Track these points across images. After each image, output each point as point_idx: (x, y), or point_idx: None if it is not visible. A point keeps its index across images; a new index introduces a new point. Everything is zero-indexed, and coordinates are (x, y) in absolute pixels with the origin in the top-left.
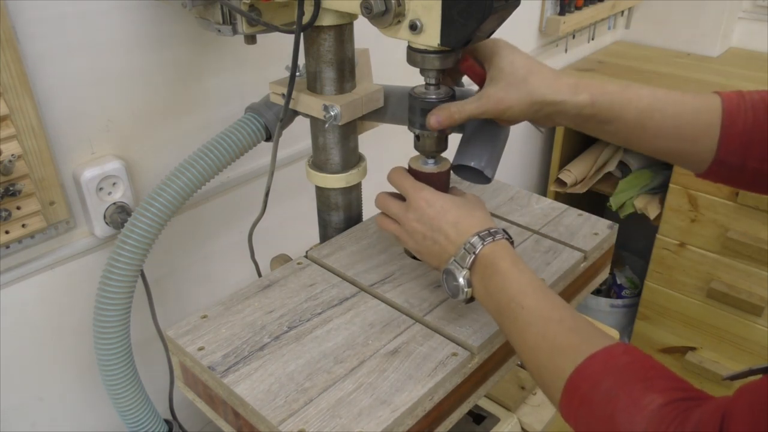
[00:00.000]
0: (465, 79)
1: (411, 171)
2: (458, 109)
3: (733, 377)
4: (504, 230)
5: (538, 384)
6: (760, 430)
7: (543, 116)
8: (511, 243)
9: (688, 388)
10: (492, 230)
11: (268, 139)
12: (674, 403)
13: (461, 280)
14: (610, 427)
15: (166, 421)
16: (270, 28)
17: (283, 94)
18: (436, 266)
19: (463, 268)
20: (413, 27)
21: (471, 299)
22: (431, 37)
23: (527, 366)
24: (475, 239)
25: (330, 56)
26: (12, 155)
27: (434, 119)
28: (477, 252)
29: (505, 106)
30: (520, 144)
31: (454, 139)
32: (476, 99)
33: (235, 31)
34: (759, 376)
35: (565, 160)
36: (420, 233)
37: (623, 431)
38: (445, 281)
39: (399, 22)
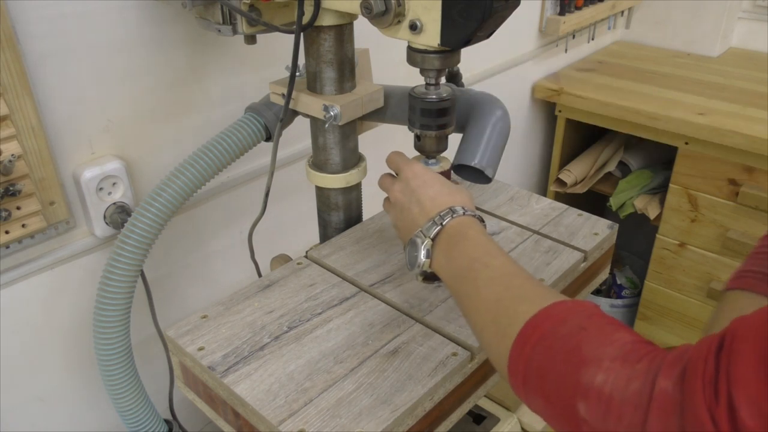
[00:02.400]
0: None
1: None
2: None
3: None
4: (479, 216)
5: (483, 341)
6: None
7: None
8: (482, 222)
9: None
10: (467, 210)
11: (268, 139)
12: (645, 343)
13: (422, 251)
14: (571, 356)
15: (166, 421)
16: (270, 28)
17: (283, 94)
18: (405, 238)
19: (426, 237)
20: (413, 27)
21: (429, 277)
22: (431, 37)
23: (478, 323)
24: (445, 212)
25: (330, 56)
26: (12, 155)
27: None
28: (444, 224)
29: None
30: (520, 144)
31: (454, 139)
32: None
33: (235, 31)
34: None
35: (565, 160)
36: (400, 203)
37: (588, 359)
38: (407, 252)
39: (399, 22)
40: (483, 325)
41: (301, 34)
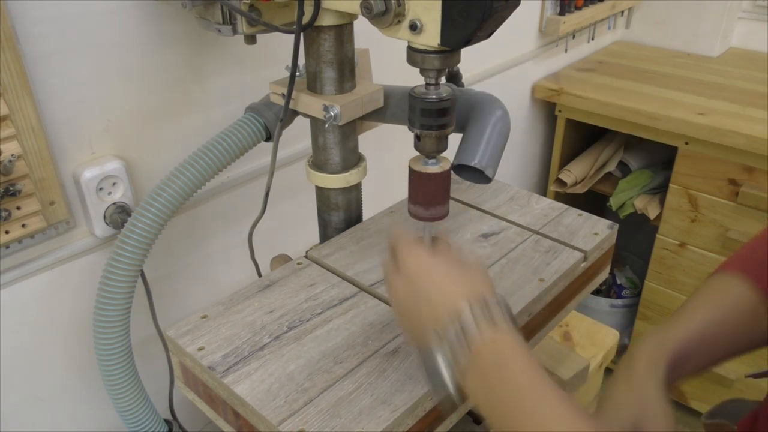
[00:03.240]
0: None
1: (411, 171)
2: None
3: (756, 375)
4: (507, 306)
5: None
6: None
7: None
8: (512, 318)
9: None
10: (481, 304)
11: (268, 139)
12: None
13: (447, 381)
14: None
15: (166, 421)
16: (270, 28)
17: (283, 94)
18: (417, 346)
19: (447, 356)
20: (413, 27)
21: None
22: (431, 37)
23: None
24: (455, 323)
25: (330, 56)
26: (12, 155)
27: None
28: (467, 340)
29: None
30: (520, 144)
31: (454, 139)
32: None
33: (235, 31)
34: None
35: (565, 160)
36: (403, 305)
37: None
38: (425, 370)
39: (399, 22)
40: None
41: (301, 34)
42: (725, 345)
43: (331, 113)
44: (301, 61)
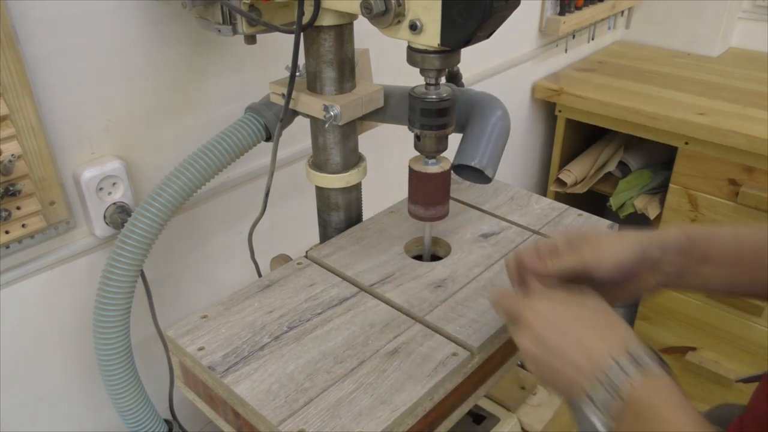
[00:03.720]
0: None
1: (411, 171)
2: (551, 261)
3: (747, 380)
4: (653, 353)
5: None
6: None
7: (646, 265)
8: (668, 371)
9: None
10: (635, 354)
11: (268, 139)
12: None
13: (598, 426)
14: None
15: (166, 421)
16: (270, 28)
17: (283, 94)
18: (567, 397)
19: (597, 407)
20: (413, 27)
21: None
22: (431, 37)
23: None
24: (614, 370)
25: (330, 56)
26: (12, 155)
27: (528, 256)
28: (618, 387)
29: (603, 249)
30: (520, 144)
31: (454, 139)
32: (573, 253)
33: (235, 31)
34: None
35: (565, 160)
36: (538, 362)
37: None
38: (578, 422)
39: (399, 22)
40: None
41: (301, 34)
42: (734, 261)
43: (331, 113)
44: (301, 61)
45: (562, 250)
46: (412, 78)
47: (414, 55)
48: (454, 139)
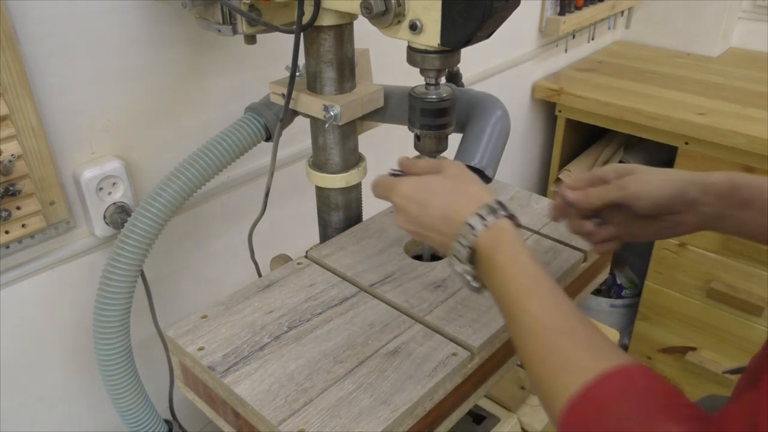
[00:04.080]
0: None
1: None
2: (595, 190)
3: (733, 371)
4: (499, 204)
5: (540, 398)
6: None
7: (685, 203)
8: (513, 220)
9: (704, 416)
10: (484, 211)
11: (268, 139)
12: None
13: (467, 276)
14: None
15: (166, 421)
16: (270, 28)
17: (283, 94)
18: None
19: (461, 262)
20: (413, 27)
21: (484, 286)
22: (431, 37)
23: (529, 374)
24: (465, 230)
25: (330, 56)
26: (12, 155)
27: (569, 194)
28: (471, 245)
29: (644, 182)
30: (520, 144)
31: (454, 139)
32: (615, 183)
33: (235, 31)
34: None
35: (565, 160)
36: (417, 234)
37: None
38: (453, 274)
39: (399, 22)
40: (532, 378)
41: (301, 34)
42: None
43: (331, 113)
44: (301, 61)
45: (610, 179)
46: (412, 78)
47: (414, 55)
48: (454, 139)
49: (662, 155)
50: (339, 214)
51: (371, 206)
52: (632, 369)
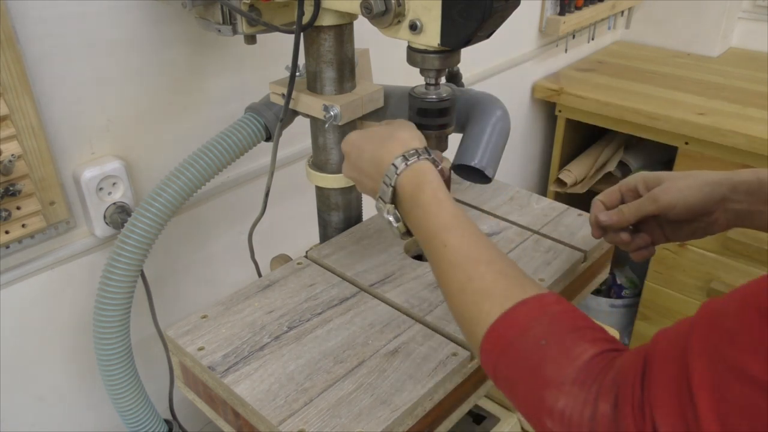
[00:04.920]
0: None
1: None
2: (628, 206)
3: None
4: (425, 149)
5: (461, 329)
6: (678, 371)
7: (715, 203)
8: (434, 164)
9: (614, 339)
10: (408, 153)
11: (268, 139)
12: (603, 354)
13: (389, 217)
14: (535, 375)
15: (166, 421)
16: (270, 28)
17: (283, 94)
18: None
19: (386, 203)
20: (413, 27)
21: (408, 232)
22: (431, 37)
23: (452, 309)
24: (390, 170)
25: (330, 56)
26: (12, 155)
27: (604, 217)
28: (394, 184)
29: (674, 191)
30: (520, 144)
31: (454, 139)
32: (646, 195)
33: (235, 31)
34: None
35: (565, 160)
36: (355, 180)
37: (551, 380)
38: (381, 218)
39: (399, 22)
40: (455, 313)
41: (301, 34)
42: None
43: (331, 113)
44: (301, 61)
45: (641, 191)
46: (412, 78)
47: (414, 55)
48: (454, 139)
49: (662, 155)
50: (339, 214)
51: (371, 206)
52: (547, 296)
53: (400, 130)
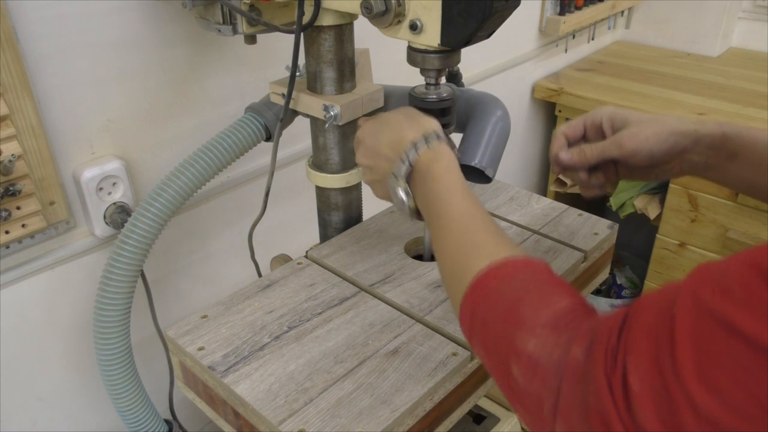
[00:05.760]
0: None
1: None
2: (591, 147)
3: None
4: (444, 134)
5: (444, 284)
6: (661, 319)
7: (675, 153)
8: (452, 147)
9: (594, 308)
10: (428, 136)
11: (268, 139)
12: (582, 305)
13: (400, 193)
14: (509, 316)
15: (166, 421)
16: (270, 28)
17: (283, 94)
18: (384, 194)
19: (399, 178)
20: (413, 27)
21: (418, 212)
22: (431, 37)
23: (444, 269)
24: (410, 150)
25: (330, 56)
26: (12, 155)
27: (565, 155)
28: (412, 161)
29: (640, 138)
30: (520, 144)
31: (455, 139)
32: (611, 138)
33: (235, 31)
34: None
35: None
36: (369, 166)
37: (524, 322)
38: (393, 198)
39: (399, 22)
40: (443, 269)
41: (301, 34)
42: (760, 164)
43: (331, 113)
44: (301, 61)
45: (606, 129)
46: (412, 78)
47: (414, 55)
48: (454, 139)
49: None
50: (339, 214)
51: (371, 206)
52: (535, 260)
53: (418, 116)
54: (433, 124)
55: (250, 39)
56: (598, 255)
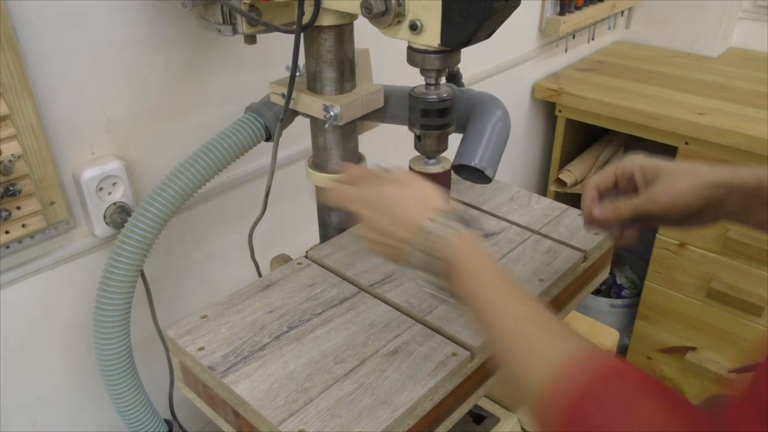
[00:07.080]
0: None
1: (412, 171)
2: (625, 204)
3: (740, 370)
4: (453, 212)
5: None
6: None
7: (712, 204)
8: (465, 222)
9: (683, 399)
10: (443, 219)
11: (268, 139)
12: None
13: (443, 295)
14: None
15: (166, 421)
16: (270, 28)
17: (283, 94)
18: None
19: (418, 269)
20: (413, 27)
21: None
22: (431, 37)
23: (507, 368)
24: (424, 236)
25: (330, 56)
26: (12, 155)
27: (598, 212)
28: (430, 251)
29: (675, 192)
30: (520, 144)
31: (455, 139)
32: (644, 193)
33: (235, 31)
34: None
35: (565, 160)
36: (377, 244)
37: None
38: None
39: (399, 22)
40: (509, 368)
41: (301, 34)
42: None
43: (331, 113)
44: (301, 61)
45: (638, 181)
46: (412, 78)
47: (414, 55)
48: (454, 139)
49: (662, 155)
50: (339, 214)
51: None
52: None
53: (424, 187)
54: (438, 199)
55: (250, 39)
56: (598, 255)
